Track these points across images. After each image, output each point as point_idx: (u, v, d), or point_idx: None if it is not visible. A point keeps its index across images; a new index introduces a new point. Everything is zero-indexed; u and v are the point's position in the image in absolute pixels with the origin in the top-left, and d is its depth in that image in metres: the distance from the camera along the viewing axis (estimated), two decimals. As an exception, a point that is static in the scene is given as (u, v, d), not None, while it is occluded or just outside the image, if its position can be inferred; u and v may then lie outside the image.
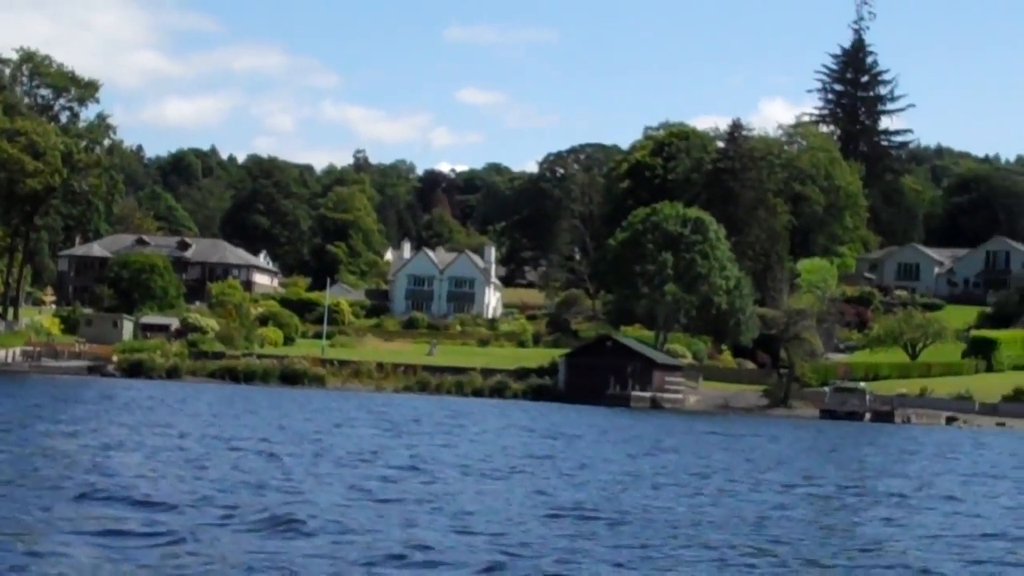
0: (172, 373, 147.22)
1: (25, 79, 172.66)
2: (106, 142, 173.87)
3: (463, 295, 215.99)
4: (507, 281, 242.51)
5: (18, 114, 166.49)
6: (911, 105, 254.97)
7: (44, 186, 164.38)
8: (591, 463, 58.89)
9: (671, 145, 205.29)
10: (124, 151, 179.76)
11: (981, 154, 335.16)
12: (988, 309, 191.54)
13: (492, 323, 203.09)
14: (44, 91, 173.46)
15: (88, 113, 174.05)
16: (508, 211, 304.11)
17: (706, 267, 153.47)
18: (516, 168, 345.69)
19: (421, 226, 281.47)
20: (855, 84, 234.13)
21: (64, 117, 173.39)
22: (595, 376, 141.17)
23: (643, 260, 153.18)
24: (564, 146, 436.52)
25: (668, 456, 67.95)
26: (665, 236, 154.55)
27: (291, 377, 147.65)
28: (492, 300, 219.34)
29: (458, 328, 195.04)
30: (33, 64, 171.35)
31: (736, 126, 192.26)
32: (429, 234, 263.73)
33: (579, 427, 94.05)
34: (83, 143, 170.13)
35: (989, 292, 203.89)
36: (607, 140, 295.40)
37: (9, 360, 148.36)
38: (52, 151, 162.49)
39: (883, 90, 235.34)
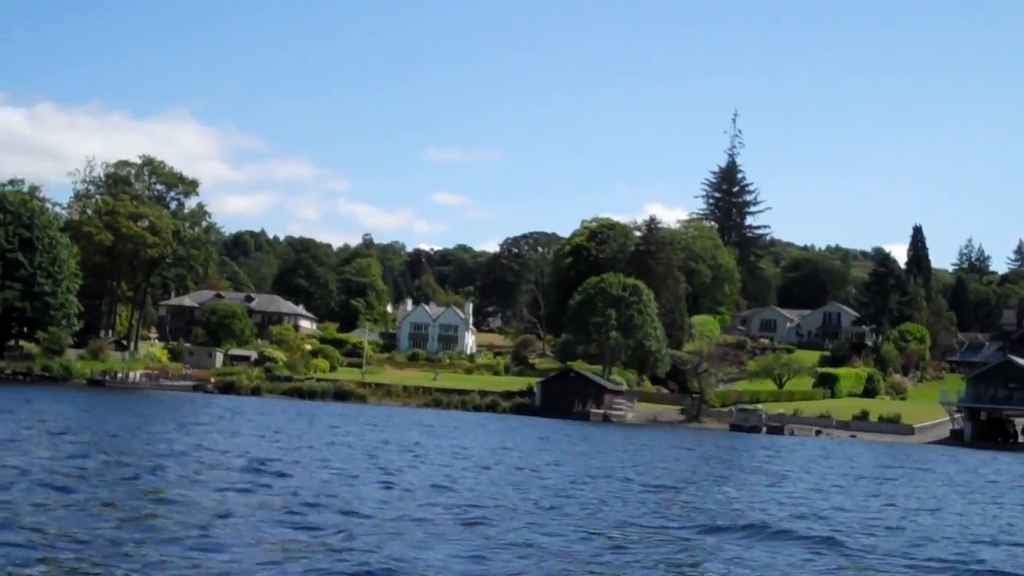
0: (255, 391, 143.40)
1: (145, 177, 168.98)
2: (203, 224, 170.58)
3: (450, 337, 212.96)
4: (476, 327, 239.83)
5: (141, 203, 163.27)
6: (768, 208, 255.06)
7: (159, 255, 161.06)
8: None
9: (602, 233, 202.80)
10: (216, 231, 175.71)
11: (801, 243, 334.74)
12: (827, 353, 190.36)
13: (471, 358, 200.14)
14: (159, 186, 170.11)
15: (191, 203, 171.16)
16: (473, 277, 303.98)
17: (641, 321, 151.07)
18: (477, 248, 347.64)
19: (413, 288, 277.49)
20: (729, 192, 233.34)
21: (173, 205, 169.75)
22: (563, 397, 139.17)
23: (595, 314, 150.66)
24: (507, 233, 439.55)
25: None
26: (610, 298, 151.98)
27: (342, 395, 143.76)
28: (470, 341, 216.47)
29: (447, 361, 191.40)
30: (152, 167, 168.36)
31: (652, 220, 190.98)
32: (418, 294, 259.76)
33: (554, 432, 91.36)
34: (187, 224, 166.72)
35: (826, 340, 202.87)
36: (542, 228, 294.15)
37: (135, 379, 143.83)
38: (165, 230, 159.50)
39: (748, 197, 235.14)
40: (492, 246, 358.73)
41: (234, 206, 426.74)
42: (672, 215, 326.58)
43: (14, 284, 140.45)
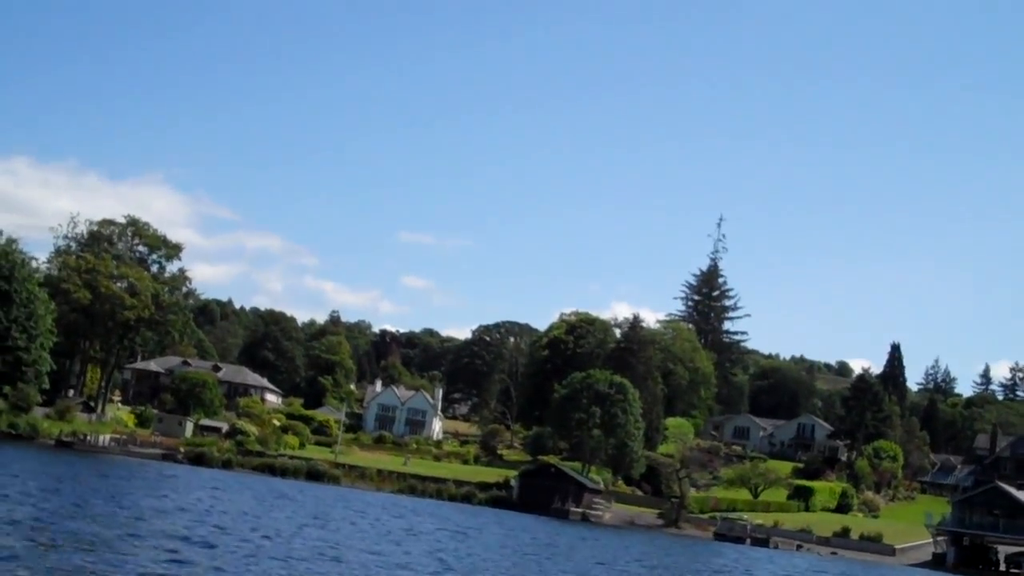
0: (226, 464, 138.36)
1: (128, 238, 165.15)
2: (184, 289, 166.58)
3: (417, 422, 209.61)
4: (442, 412, 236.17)
5: (122, 263, 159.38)
6: (747, 315, 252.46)
7: (136, 317, 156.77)
8: None
9: (580, 327, 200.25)
10: (195, 297, 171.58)
11: (766, 351, 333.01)
12: (800, 464, 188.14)
13: (439, 444, 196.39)
14: (142, 248, 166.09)
15: (172, 267, 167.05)
16: (439, 362, 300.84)
17: (624, 420, 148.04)
18: (443, 333, 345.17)
19: (378, 369, 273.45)
20: (709, 296, 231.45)
21: (155, 268, 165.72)
22: (541, 493, 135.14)
23: (578, 410, 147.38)
24: (473, 320, 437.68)
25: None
26: (595, 394, 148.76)
27: (314, 475, 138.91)
28: (437, 427, 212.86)
29: (415, 446, 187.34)
30: (136, 227, 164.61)
31: (635, 319, 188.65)
32: (384, 375, 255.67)
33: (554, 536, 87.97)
34: (166, 289, 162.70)
35: (799, 452, 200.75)
36: (508, 318, 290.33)
37: (104, 443, 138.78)
38: (144, 292, 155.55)
39: (728, 302, 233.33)
40: (458, 332, 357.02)
41: (202, 274, 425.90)
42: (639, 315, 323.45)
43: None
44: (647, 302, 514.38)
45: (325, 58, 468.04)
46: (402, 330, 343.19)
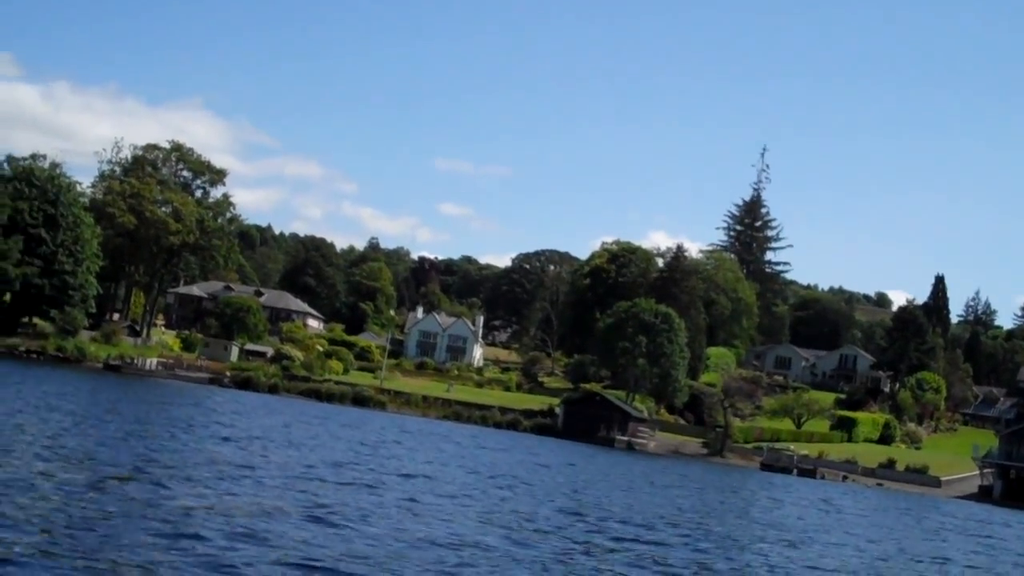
0: (272, 389, 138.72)
1: (173, 163, 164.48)
2: (228, 214, 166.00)
3: (458, 348, 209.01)
4: (482, 339, 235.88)
5: (167, 188, 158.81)
6: (790, 245, 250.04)
7: (181, 242, 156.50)
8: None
9: (623, 256, 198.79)
10: (240, 223, 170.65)
11: (804, 282, 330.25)
12: (842, 395, 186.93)
13: (480, 371, 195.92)
14: (186, 173, 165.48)
15: (216, 192, 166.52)
16: (477, 290, 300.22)
17: (670, 350, 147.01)
18: (481, 260, 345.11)
19: (417, 295, 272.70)
20: (751, 227, 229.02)
21: (199, 193, 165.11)
22: (586, 421, 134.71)
23: (623, 339, 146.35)
24: (510, 248, 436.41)
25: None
26: (641, 323, 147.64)
27: (360, 400, 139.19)
28: (477, 354, 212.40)
29: (455, 373, 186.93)
30: (180, 153, 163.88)
31: (679, 248, 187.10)
32: (424, 302, 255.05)
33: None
34: (211, 214, 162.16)
35: (841, 383, 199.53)
36: (546, 246, 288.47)
37: (148, 367, 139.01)
38: (189, 217, 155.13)
39: (771, 233, 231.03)
40: (495, 259, 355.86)
41: (241, 199, 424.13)
42: (674, 244, 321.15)
43: (34, 260, 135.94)
44: (685, 232, 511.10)
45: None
46: (440, 257, 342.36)
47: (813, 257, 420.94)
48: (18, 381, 79.31)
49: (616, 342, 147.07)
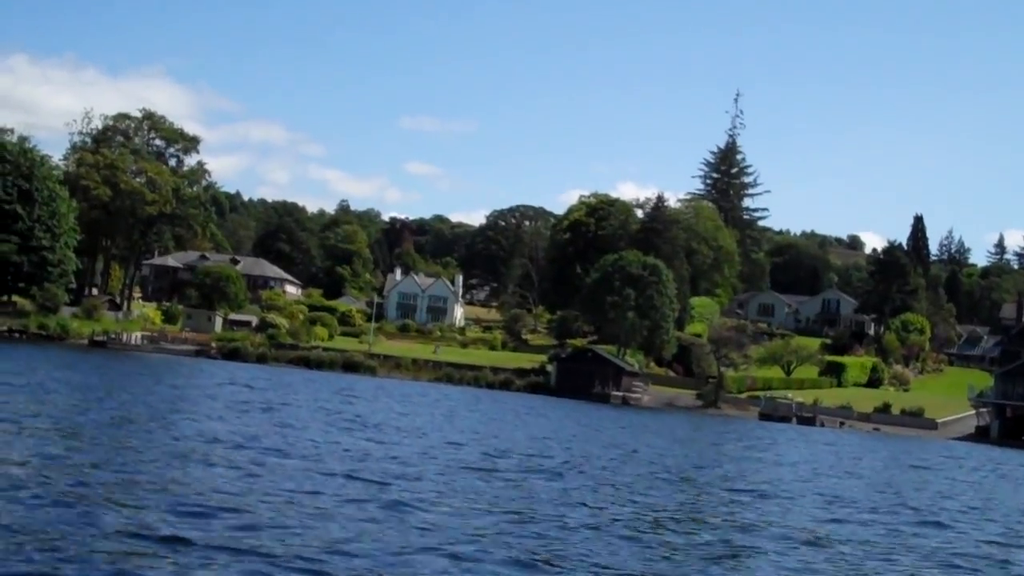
0: (261, 359, 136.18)
1: (145, 132, 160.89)
2: (203, 183, 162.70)
3: (439, 309, 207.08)
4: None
5: (140, 158, 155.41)
6: (767, 191, 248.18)
7: (158, 212, 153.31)
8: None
9: (602, 209, 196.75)
10: (216, 191, 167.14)
11: (776, 228, 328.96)
12: (827, 340, 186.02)
13: (462, 331, 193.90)
14: (159, 142, 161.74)
15: (190, 160, 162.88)
16: (452, 249, 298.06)
17: (660, 301, 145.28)
18: (453, 219, 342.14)
19: (392, 257, 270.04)
20: (728, 174, 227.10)
21: (172, 162, 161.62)
22: (579, 378, 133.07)
23: (611, 293, 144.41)
24: (480, 205, 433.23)
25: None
26: (628, 276, 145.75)
27: (350, 366, 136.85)
28: (459, 314, 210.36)
29: (439, 334, 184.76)
30: (152, 121, 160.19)
31: (660, 198, 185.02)
32: (399, 264, 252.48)
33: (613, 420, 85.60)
34: (186, 183, 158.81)
35: (825, 328, 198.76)
36: (518, 201, 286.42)
37: (132, 341, 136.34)
38: (165, 187, 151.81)
39: (747, 179, 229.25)
40: (467, 217, 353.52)
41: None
42: (644, 194, 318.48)
43: (11, 237, 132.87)
44: (653, 182, 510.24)
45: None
46: (411, 217, 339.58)
47: (785, 202, 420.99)
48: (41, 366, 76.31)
49: (604, 296, 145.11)
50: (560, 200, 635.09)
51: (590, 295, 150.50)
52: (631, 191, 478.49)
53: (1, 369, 66.37)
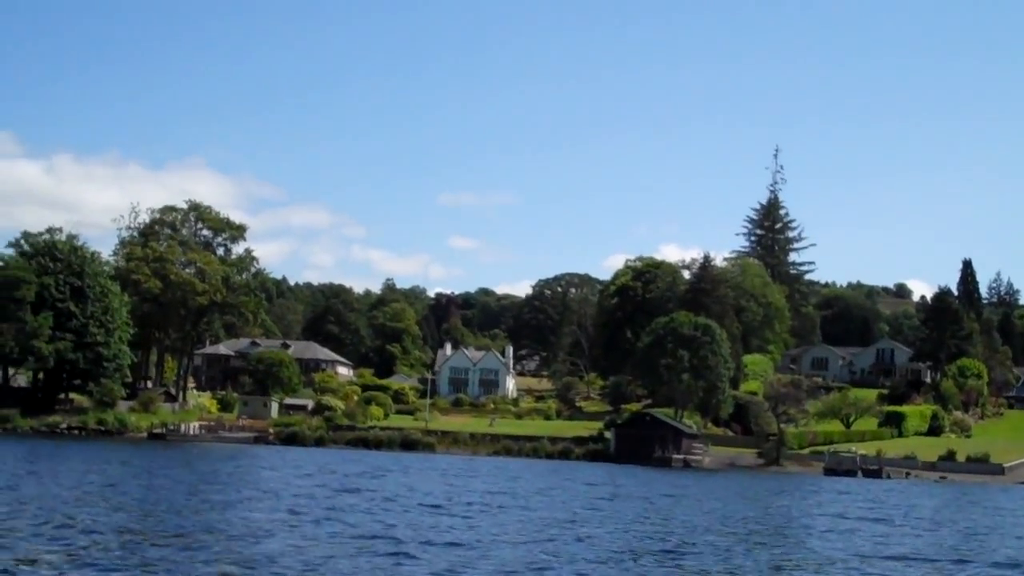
0: (319, 442, 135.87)
1: (192, 223, 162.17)
2: (252, 269, 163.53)
3: (491, 382, 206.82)
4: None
5: (189, 249, 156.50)
6: (813, 244, 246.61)
7: (209, 302, 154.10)
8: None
9: (648, 272, 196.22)
10: (265, 277, 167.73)
11: (823, 280, 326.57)
12: (884, 391, 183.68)
13: (515, 402, 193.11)
14: (206, 232, 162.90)
15: (237, 248, 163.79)
16: (498, 320, 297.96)
17: (715, 362, 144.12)
18: (498, 291, 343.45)
19: (440, 333, 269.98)
20: (772, 229, 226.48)
21: (220, 251, 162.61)
22: (639, 443, 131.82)
23: (665, 356, 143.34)
24: (523, 276, 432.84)
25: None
26: (681, 338, 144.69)
27: (409, 444, 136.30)
28: (511, 385, 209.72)
29: (491, 406, 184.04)
30: (198, 212, 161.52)
31: (706, 258, 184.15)
32: (447, 338, 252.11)
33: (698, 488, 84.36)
34: (235, 270, 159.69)
35: (880, 377, 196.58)
36: (562, 270, 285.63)
37: (191, 432, 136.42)
38: (214, 276, 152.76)
39: (791, 234, 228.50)
40: (511, 288, 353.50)
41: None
42: (687, 255, 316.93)
43: (66, 335, 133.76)
44: (696, 242, 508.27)
45: (349, 28, 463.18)
46: (456, 292, 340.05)
47: (829, 254, 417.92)
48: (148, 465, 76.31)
49: (657, 359, 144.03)
50: (604, 265, 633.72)
51: (643, 359, 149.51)
52: (674, 253, 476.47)
53: (128, 473, 66.30)
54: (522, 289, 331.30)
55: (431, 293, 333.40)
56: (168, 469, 73.63)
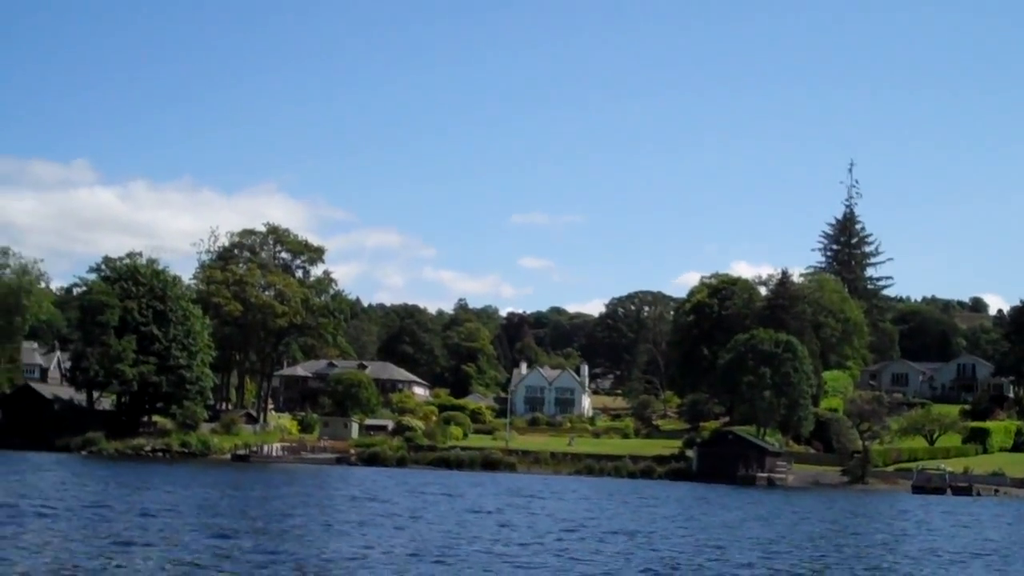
0: (400, 462, 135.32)
1: (270, 246, 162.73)
2: (331, 291, 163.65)
3: (566, 400, 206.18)
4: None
5: (268, 271, 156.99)
6: (890, 259, 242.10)
7: (288, 324, 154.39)
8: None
9: (724, 289, 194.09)
10: (343, 299, 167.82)
11: (898, 295, 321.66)
12: (965, 406, 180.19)
13: (592, 421, 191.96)
14: (284, 254, 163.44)
15: (316, 270, 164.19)
16: (570, 339, 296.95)
17: (797, 378, 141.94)
18: (570, 310, 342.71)
19: (513, 352, 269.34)
20: (848, 244, 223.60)
21: (299, 273, 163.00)
22: (721, 461, 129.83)
23: (746, 373, 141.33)
24: (594, 295, 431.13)
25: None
26: (761, 355, 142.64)
27: (490, 464, 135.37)
28: (586, 404, 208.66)
29: (568, 425, 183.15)
30: (277, 235, 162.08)
31: (784, 274, 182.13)
32: (520, 357, 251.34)
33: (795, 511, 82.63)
34: (314, 292, 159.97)
35: (962, 393, 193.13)
36: (624, 289, 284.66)
37: (273, 453, 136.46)
38: (294, 298, 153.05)
39: (868, 249, 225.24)
40: (581, 307, 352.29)
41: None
42: (758, 272, 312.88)
43: (149, 358, 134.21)
44: (766, 259, 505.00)
45: (419, 48, 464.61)
46: (527, 311, 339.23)
47: (904, 268, 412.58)
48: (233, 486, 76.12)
49: (738, 376, 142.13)
50: (675, 283, 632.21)
51: (723, 376, 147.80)
52: (745, 270, 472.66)
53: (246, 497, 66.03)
54: (593, 308, 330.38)
55: (503, 312, 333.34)
56: (306, 495, 73.15)
